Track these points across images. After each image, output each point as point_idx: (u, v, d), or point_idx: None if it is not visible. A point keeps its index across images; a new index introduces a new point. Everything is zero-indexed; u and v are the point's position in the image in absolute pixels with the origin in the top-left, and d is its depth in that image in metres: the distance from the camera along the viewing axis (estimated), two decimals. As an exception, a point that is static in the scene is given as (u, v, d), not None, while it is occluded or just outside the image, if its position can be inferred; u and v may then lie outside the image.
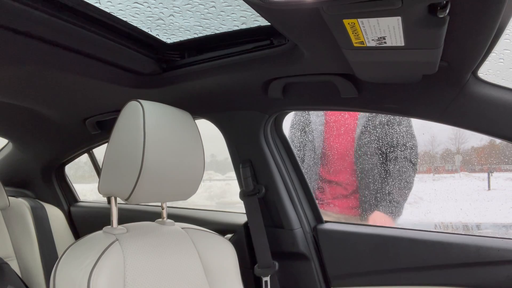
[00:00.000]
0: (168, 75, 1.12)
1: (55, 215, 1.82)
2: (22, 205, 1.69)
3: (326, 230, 1.29)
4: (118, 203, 0.91)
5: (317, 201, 1.38)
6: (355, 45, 0.72)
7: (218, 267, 1.02)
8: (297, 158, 1.38)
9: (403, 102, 1.01)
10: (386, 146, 1.68)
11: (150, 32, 1.02)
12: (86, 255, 0.75)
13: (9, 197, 1.60)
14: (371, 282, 1.22)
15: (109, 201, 1.79)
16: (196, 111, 1.28)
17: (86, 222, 1.90)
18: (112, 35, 0.95)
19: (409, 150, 1.67)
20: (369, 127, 1.69)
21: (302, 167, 1.39)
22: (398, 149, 1.67)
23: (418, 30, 0.62)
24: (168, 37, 1.05)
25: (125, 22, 0.95)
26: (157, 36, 1.04)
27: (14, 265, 1.60)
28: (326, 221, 1.35)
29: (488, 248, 1.06)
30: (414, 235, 1.18)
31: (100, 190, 0.90)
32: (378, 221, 1.64)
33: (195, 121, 1.04)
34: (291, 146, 1.37)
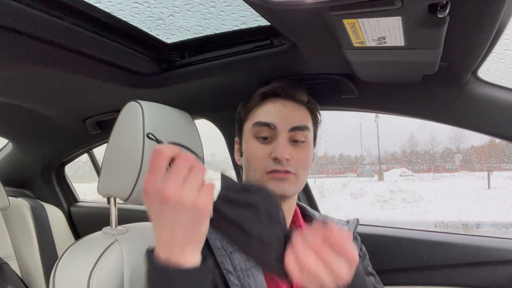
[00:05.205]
0: (168, 75, 1.12)
1: (55, 215, 1.82)
2: (22, 205, 1.69)
3: None
4: (118, 203, 0.91)
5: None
6: (355, 45, 0.72)
7: (218, 267, 1.01)
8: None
9: (403, 102, 1.01)
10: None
11: (150, 32, 1.02)
12: (86, 256, 0.75)
13: (9, 197, 1.60)
14: (371, 281, 1.21)
15: (109, 201, 1.79)
16: (196, 111, 1.28)
17: (86, 222, 1.90)
18: (112, 35, 0.94)
19: None
20: None
21: None
22: None
23: (418, 30, 0.62)
24: (168, 37, 1.05)
25: (125, 22, 0.95)
26: (157, 36, 1.04)
27: (14, 265, 1.60)
28: None
29: (488, 248, 1.06)
30: (414, 235, 1.18)
31: (99, 190, 0.90)
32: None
33: (195, 121, 1.04)
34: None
